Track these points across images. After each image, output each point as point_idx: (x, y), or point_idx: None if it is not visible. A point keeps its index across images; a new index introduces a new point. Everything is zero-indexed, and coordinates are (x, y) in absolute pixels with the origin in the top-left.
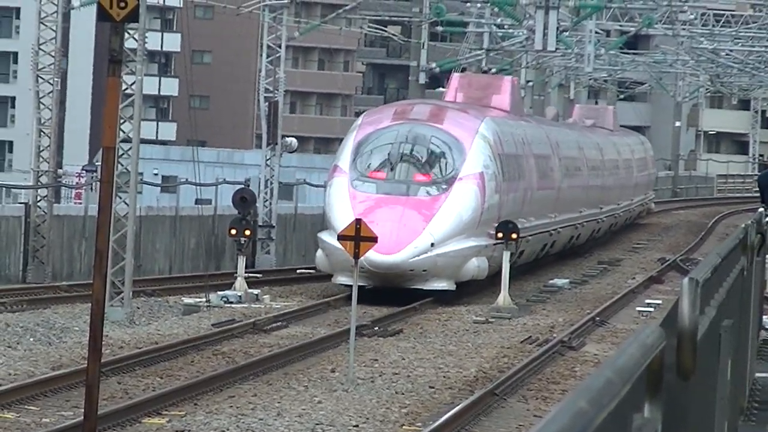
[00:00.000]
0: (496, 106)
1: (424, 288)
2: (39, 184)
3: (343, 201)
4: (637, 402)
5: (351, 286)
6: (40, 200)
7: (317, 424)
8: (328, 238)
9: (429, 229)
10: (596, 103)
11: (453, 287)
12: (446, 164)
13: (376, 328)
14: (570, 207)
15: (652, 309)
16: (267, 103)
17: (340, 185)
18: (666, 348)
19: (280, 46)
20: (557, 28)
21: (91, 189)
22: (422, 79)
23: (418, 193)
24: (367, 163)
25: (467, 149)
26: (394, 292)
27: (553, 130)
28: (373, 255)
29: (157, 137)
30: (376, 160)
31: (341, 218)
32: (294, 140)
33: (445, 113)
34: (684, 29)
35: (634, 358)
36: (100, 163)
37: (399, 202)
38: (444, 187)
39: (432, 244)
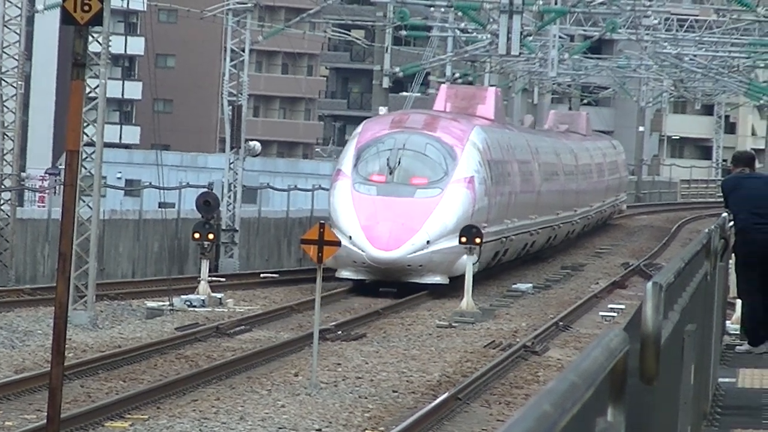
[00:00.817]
0: (481, 115)
1: (421, 282)
2: (2, 187)
3: (346, 202)
4: (601, 406)
5: (353, 280)
6: (3, 203)
7: (280, 428)
8: None
9: (425, 228)
10: (569, 108)
11: (447, 281)
12: (440, 169)
13: (340, 333)
14: (548, 209)
15: (615, 314)
16: (230, 107)
17: (343, 188)
18: (629, 352)
19: (243, 50)
20: (521, 33)
21: (55, 192)
22: (386, 83)
23: (414, 195)
24: (368, 167)
25: (459, 155)
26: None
27: (533, 137)
28: (374, 251)
29: (120, 141)
30: (376, 165)
31: (344, 218)
32: (257, 144)
33: (438, 122)
34: (647, 34)
35: (598, 361)
36: (63, 167)
37: (397, 203)
38: (438, 189)
39: (428, 242)
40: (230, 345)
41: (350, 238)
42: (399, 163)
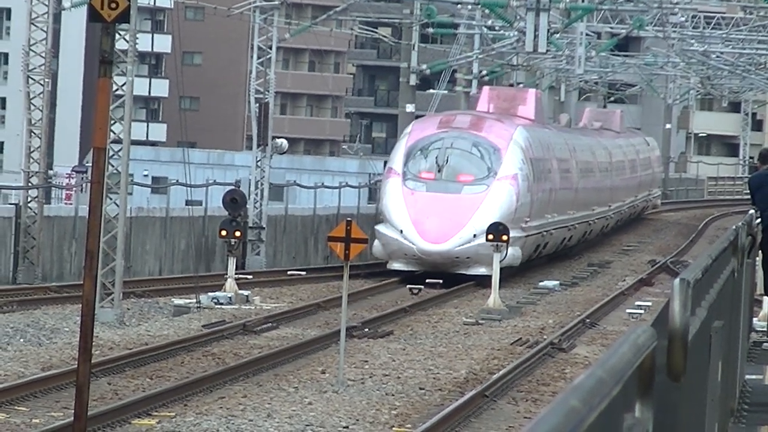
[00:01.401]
0: (522, 115)
1: (467, 273)
2: (29, 185)
3: (397, 198)
4: (629, 402)
5: (403, 271)
6: (30, 201)
7: (307, 425)
8: (385, 230)
9: (472, 223)
10: (604, 106)
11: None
12: (486, 167)
13: (366, 330)
14: (584, 205)
15: (642, 311)
16: (257, 105)
17: (394, 184)
18: (657, 348)
19: (270, 48)
20: (548, 30)
21: (82, 190)
22: (413, 80)
23: (462, 191)
24: (418, 165)
25: (503, 154)
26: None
27: (570, 136)
28: (424, 244)
29: (147, 138)
30: (425, 163)
31: (396, 213)
32: (284, 141)
33: (484, 123)
34: (674, 31)
35: (626, 358)
36: (90, 164)
37: (446, 199)
38: (484, 186)
39: (474, 235)
40: (257, 342)
41: (401, 231)
42: (447, 161)
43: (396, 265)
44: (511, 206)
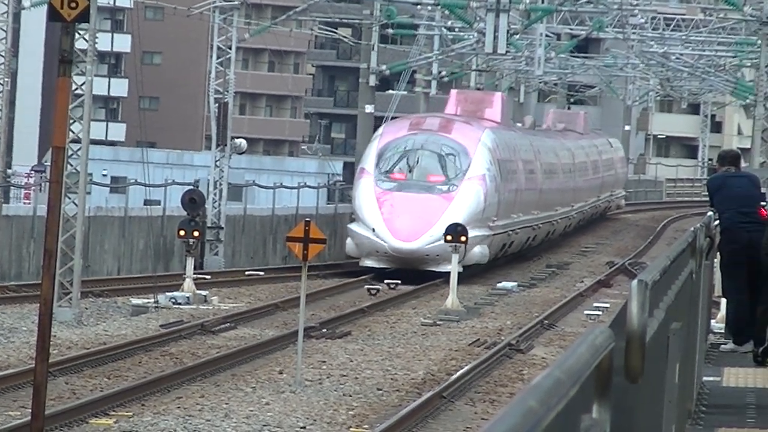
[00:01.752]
0: (489, 117)
1: (437, 270)
2: None
3: (370, 197)
4: (586, 403)
5: (375, 268)
6: None
7: (265, 425)
8: (357, 228)
9: (442, 222)
10: (568, 107)
11: (460, 269)
12: (455, 167)
13: (324, 330)
14: (548, 205)
15: (600, 312)
16: (217, 105)
17: (366, 184)
18: (615, 350)
19: (230, 48)
20: (508, 31)
21: (40, 189)
22: (372, 81)
23: (432, 191)
24: (389, 166)
25: (472, 155)
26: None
27: (535, 139)
28: (395, 242)
29: (106, 138)
30: (396, 164)
31: (368, 212)
32: (243, 142)
33: (453, 125)
34: (634, 33)
35: (583, 358)
36: (49, 164)
37: (417, 198)
38: (454, 186)
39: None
40: (215, 342)
41: (373, 230)
42: (417, 162)
43: (368, 263)
44: (479, 206)
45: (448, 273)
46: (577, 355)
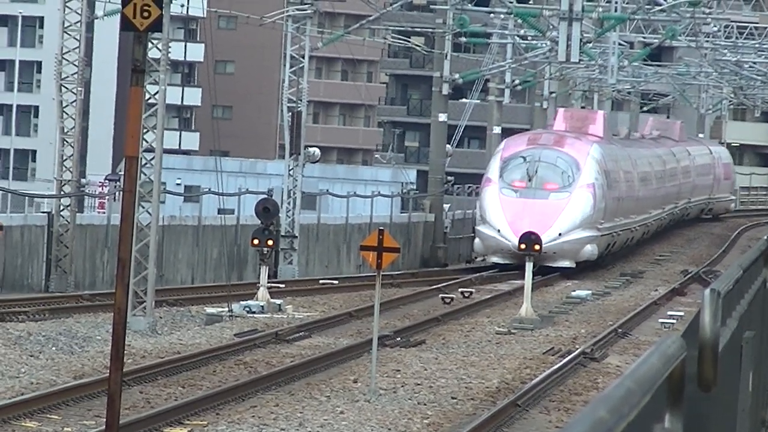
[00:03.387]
0: (592, 133)
1: (553, 265)
2: (62, 193)
3: (495, 203)
4: (658, 412)
5: (501, 264)
6: (63, 209)
7: None
8: (484, 229)
9: (557, 224)
10: (668, 116)
11: (574, 265)
12: (568, 177)
13: (399, 339)
14: (643, 209)
15: (674, 321)
16: (290, 114)
17: (492, 192)
18: (687, 359)
19: (303, 57)
20: (580, 40)
21: (114, 198)
22: (445, 89)
23: (548, 198)
24: (511, 175)
25: (582, 166)
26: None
27: (631, 150)
28: (518, 241)
29: (180, 147)
30: (517, 174)
31: (494, 215)
32: (317, 150)
33: (565, 140)
34: (707, 41)
35: (655, 368)
36: (123, 173)
37: (535, 203)
38: (567, 193)
39: (559, 234)
40: (289, 351)
41: (498, 231)
42: (536, 172)
43: (494, 259)
44: (590, 210)
45: (564, 268)
46: (648, 365)
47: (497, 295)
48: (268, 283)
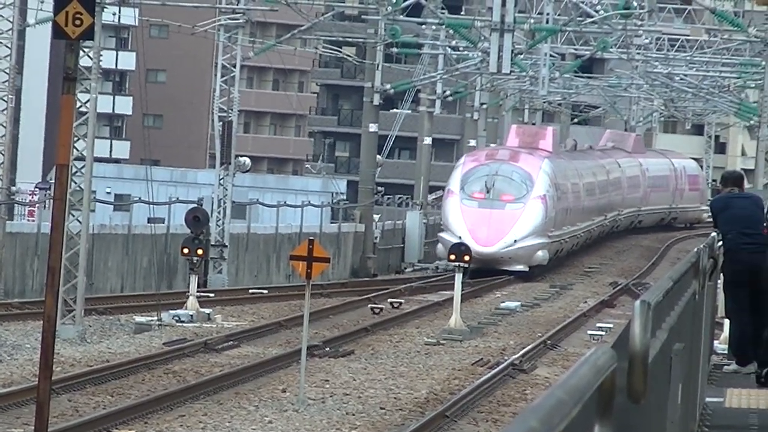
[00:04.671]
0: (542, 148)
1: (509, 269)
2: None
3: (457, 212)
4: (588, 423)
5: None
6: None
7: None
8: (447, 236)
9: (513, 231)
10: (626, 129)
11: (527, 269)
12: (523, 189)
13: (328, 349)
14: (587, 217)
15: (603, 333)
16: (221, 123)
17: (454, 202)
18: (617, 370)
19: (234, 66)
20: (512, 51)
21: (45, 206)
22: (376, 100)
23: (505, 208)
24: (471, 187)
25: (535, 179)
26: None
27: (577, 162)
28: (477, 247)
29: (110, 155)
30: (477, 186)
31: (456, 224)
32: (247, 160)
33: (520, 155)
34: (639, 53)
35: (586, 378)
36: (53, 181)
37: (493, 213)
38: (522, 204)
39: (515, 241)
40: (218, 360)
41: (460, 237)
42: (494, 185)
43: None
44: (542, 219)
45: (518, 271)
46: (579, 376)
47: (426, 306)
48: (198, 292)
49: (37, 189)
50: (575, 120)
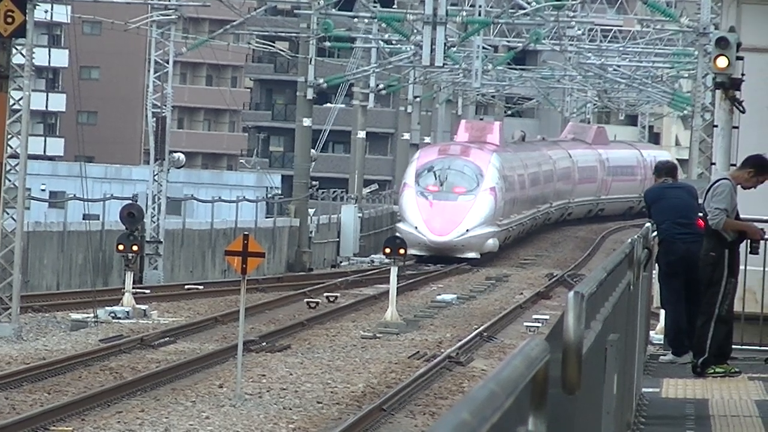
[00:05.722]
0: (490, 141)
1: (461, 256)
2: None
3: (412, 204)
4: (522, 415)
5: (419, 256)
6: None
7: None
8: (404, 226)
9: (465, 222)
10: (589, 121)
11: (478, 256)
12: (473, 182)
13: (264, 344)
14: (532, 205)
15: (539, 324)
16: (155, 119)
17: (409, 195)
18: (551, 361)
19: (167, 62)
20: (445, 44)
21: None
22: (310, 94)
23: (457, 200)
24: (426, 181)
25: (485, 172)
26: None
27: (524, 155)
28: (432, 236)
29: (45, 153)
30: (431, 179)
31: (412, 215)
32: (182, 156)
33: (471, 150)
34: (571, 45)
35: (519, 370)
36: None
37: (447, 205)
38: (473, 195)
39: (467, 230)
40: (155, 357)
41: (416, 228)
42: (446, 178)
43: (412, 251)
44: (492, 210)
45: (470, 259)
46: (512, 367)
47: (363, 300)
48: (134, 288)
49: None
50: (509, 112)
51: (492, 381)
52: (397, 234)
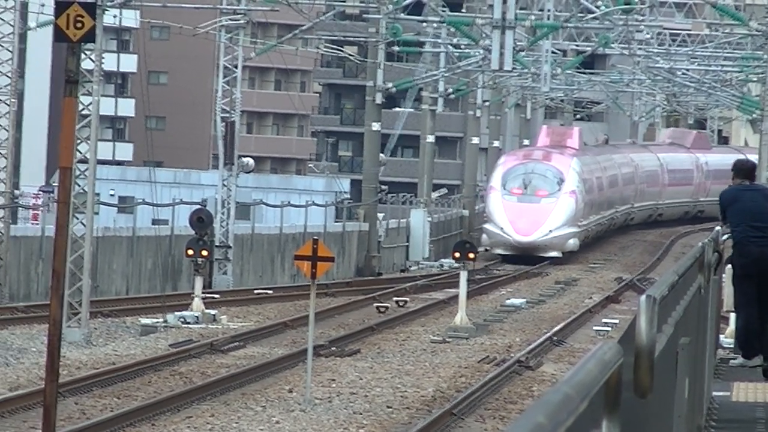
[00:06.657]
0: (570, 146)
1: (545, 256)
2: None
3: (498, 206)
4: (595, 418)
5: (504, 255)
6: None
7: None
8: (490, 227)
9: (547, 223)
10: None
11: (561, 255)
12: (555, 185)
13: (333, 348)
14: (610, 207)
15: (609, 328)
16: (223, 124)
17: (495, 197)
18: (624, 365)
19: (236, 67)
20: (514, 48)
21: (48, 210)
22: (378, 99)
23: (540, 202)
24: (511, 184)
25: (566, 176)
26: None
27: (602, 158)
28: (517, 237)
29: (113, 158)
30: (516, 183)
31: (498, 216)
32: (251, 160)
33: (552, 155)
34: (640, 49)
35: (592, 374)
36: (56, 184)
37: (530, 207)
38: (555, 198)
39: (550, 231)
40: (224, 361)
41: (502, 228)
42: (530, 181)
43: (497, 251)
44: (572, 212)
45: (553, 258)
46: (585, 371)
47: (432, 304)
48: (203, 293)
49: (40, 192)
50: (578, 116)
51: (566, 384)
52: (484, 234)
